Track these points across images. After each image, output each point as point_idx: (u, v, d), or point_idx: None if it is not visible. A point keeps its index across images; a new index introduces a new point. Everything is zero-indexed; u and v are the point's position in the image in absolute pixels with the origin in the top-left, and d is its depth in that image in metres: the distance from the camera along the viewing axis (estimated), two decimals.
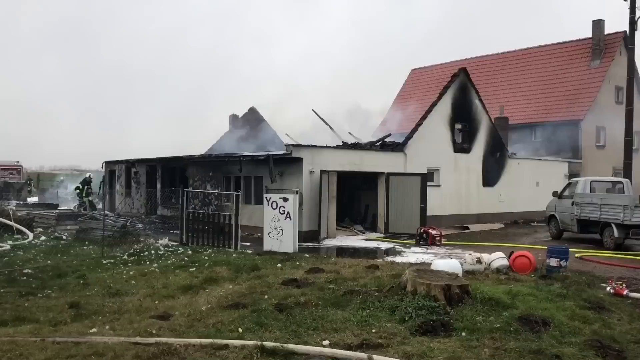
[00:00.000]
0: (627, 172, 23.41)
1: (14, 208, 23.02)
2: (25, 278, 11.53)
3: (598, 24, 34.57)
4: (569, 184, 20.27)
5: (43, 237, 17.93)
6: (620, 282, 10.09)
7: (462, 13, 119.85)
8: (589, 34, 35.24)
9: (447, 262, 11.03)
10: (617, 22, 59.09)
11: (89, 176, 28.08)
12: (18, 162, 42.19)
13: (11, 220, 18.11)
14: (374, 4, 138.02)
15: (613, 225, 16.55)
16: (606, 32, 34.76)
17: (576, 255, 14.64)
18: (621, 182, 19.61)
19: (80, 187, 27.15)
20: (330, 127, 26.39)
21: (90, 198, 26.90)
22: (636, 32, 24.01)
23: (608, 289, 9.96)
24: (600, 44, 34.41)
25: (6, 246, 15.26)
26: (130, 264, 13.23)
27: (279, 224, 15.95)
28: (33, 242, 16.90)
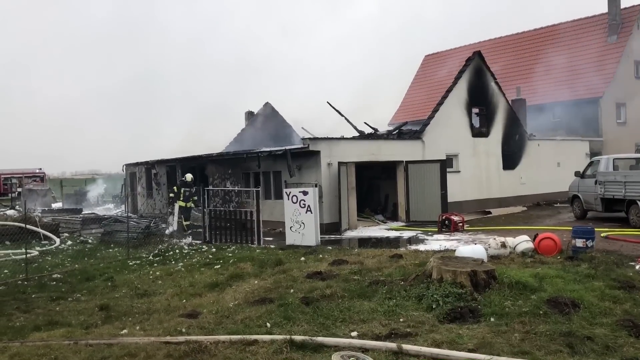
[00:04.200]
0: None
1: (39, 214, 23.44)
2: (54, 283, 11.74)
3: None
4: (591, 163, 19.95)
5: (69, 242, 18.22)
6: None
7: None
8: (605, 9, 34.56)
9: (471, 248, 10.94)
10: None
11: (191, 178, 21.04)
12: (41, 169, 42.85)
13: (38, 227, 18.41)
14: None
15: (639, 203, 16.28)
16: (622, 6, 34.06)
17: (602, 234, 14.44)
18: None
19: (176, 190, 20.56)
20: (346, 119, 26.29)
21: (189, 204, 20.12)
22: None
23: (637, 267, 9.85)
24: (616, 19, 33.71)
25: (34, 252, 15.53)
26: (156, 265, 13.39)
27: (300, 217, 15.99)
28: (60, 247, 17.18)
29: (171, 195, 20.87)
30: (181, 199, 20.09)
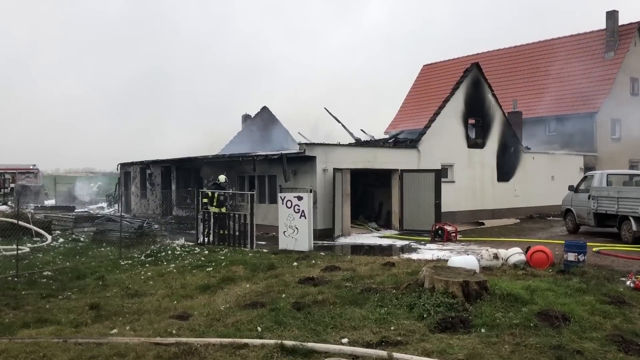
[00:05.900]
0: None
1: (32, 211, 23.33)
2: (45, 280, 11.66)
3: (612, 15, 34.10)
4: (585, 178, 20.07)
5: (61, 240, 18.12)
6: None
7: (475, 7, 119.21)
8: (603, 26, 34.82)
9: (463, 258, 10.97)
10: (631, 13, 58.32)
11: (225, 179, 19.19)
12: (35, 165, 42.65)
13: (30, 223, 18.31)
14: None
15: (631, 219, 16.36)
16: (620, 23, 34.31)
17: (594, 249, 14.51)
18: (638, 175, 19.38)
19: (209, 195, 17.79)
20: (343, 125, 26.38)
21: (223, 209, 17.73)
22: None
23: (628, 283, 9.87)
24: (614, 35, 33.95)
25: (26, 249, 15.44)
26: (147, 265, 13.34)
27: (293, 222, 15.99)
28: (52, 244, 17.08)
29: (204, 200, 17.65)
30: (214, 204, 17.60)
